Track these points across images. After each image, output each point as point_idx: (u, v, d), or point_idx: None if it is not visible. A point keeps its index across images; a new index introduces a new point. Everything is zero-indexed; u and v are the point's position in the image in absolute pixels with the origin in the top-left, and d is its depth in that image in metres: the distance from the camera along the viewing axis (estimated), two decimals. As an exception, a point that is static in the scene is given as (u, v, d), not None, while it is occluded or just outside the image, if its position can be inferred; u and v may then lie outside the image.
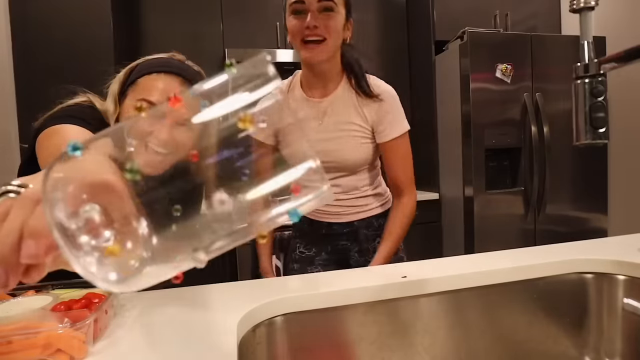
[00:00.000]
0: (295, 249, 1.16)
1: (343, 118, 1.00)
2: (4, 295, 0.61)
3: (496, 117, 2.31)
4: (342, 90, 1.01)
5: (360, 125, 1.00)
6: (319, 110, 1.01)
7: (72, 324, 0.50)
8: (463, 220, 2.37)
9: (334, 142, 1.00)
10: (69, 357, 0.50)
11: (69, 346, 0.49)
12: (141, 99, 0.75)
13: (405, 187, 1.03)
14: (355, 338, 0.71)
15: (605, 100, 0.56)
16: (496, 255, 0.86)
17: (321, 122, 1.01)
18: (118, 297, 0.67)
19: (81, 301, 0.57)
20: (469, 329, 0.76)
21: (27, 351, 0.48)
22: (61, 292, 0.63)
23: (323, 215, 1.10)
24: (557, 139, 2.34)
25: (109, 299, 0.58)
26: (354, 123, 1.00)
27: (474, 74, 2.26)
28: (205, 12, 2.56)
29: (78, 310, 0.54)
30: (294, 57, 2.58)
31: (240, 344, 0.57)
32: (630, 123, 2.41)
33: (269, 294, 0.68)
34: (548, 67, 2.37)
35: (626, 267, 0.79)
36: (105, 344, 0.55)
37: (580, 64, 0.57)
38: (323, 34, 0.90)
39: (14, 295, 0.62)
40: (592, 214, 2.51)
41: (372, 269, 0.83)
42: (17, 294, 0.62)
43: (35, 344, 0.48)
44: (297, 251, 1.15)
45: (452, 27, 2.48)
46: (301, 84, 1.05)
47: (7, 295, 0.61)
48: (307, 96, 1.03)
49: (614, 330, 0.80)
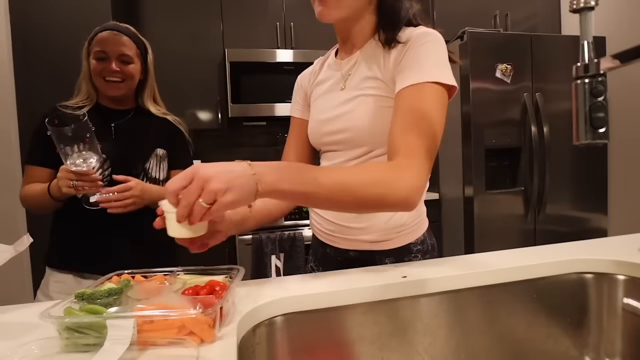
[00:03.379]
0: (310, 262, 1.03)
1: (365, 74, 0.84)
2: (140, 278, 0.67)
3: (496, 117, 2.31)
4: (370, 45, 0.86)
5: (381, 80, 0.81)
6: (343, 72, 0.89)
7: (203, 309, 0.53)
8: (463, 220, 2.37)
9: (349, 103, 0.85)
10: (200, 339, 0.53)
11: (200, 330, 0.53)
12: (98, 50, 1.17)
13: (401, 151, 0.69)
14: (355, 338, 0.71)
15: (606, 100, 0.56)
16: (496, 255, 0.86)
17: (344, 86, 0.87)
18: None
19: (206, 287, 0.61)
20: (469, 329, 0.76)
21: (166, 331, 0.52)
22: (187, 277, 0.67)
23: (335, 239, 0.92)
24: (557, 139, 2.34)
25: (231, 288, 0.61)
26: (375, 78, 0.82)
27: (474, 73, 2.26)
28: (205, 12, 2.56)
29: (207, 297, 0.57)
30: (294, 57, 2.58)
31: (240, 344, 0.57)
32: (630, 123, 2.41)
33: (269, 294, 0.68)
34: (548, 67, 2.37)
35: (626, 267, 0.79)
36: (227, 330, 0.57)
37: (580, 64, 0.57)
38: None
39: (146, 277, 0.68)
40: (592, 214, 2.51)
41: (372, 269, 0.82)
42: (149, 277, 0.68)
43: (172, 325, 0.52)
44: (309, 264, 1.02)
45: (452, 27, 2.48)
46: (337, 48, 0.95)
47: (142, 278, 0.67)
48: (337, 58, 0.93)
49: (614, 330, 0.80)
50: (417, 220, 0.90)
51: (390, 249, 0.88)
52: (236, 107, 2.53)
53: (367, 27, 0.85)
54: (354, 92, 0.84)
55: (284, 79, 2.58)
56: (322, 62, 0.98)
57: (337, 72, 0.90)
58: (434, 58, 0.75)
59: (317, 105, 0.94)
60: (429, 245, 0.93)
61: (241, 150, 2.94)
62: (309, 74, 1.01)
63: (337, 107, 0.87)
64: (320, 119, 0.90)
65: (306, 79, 1.01)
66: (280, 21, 2.65)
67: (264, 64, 2.55)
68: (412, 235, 0.89)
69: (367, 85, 0.83)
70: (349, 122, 0.84)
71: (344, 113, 0.85)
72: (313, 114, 0.95)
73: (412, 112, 0.72)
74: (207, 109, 2.62)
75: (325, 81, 0.93)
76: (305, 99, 1.00)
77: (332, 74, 0.92)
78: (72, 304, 0.56)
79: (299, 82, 1.03)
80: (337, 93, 0.88)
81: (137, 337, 0.50)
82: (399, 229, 0.87)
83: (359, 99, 0.83)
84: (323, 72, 0.95)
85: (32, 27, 1.97)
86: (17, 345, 0.50)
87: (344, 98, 0.86)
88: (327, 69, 0.95)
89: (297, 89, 1.03)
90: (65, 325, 0.52)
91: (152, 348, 0.51)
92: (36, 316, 0.52)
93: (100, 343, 0.48)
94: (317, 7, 0.80)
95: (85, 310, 0.54)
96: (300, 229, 2.34)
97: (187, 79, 2.53)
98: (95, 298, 0.57)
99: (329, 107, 0.89)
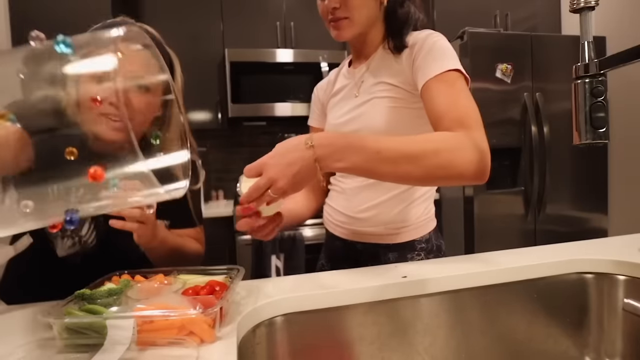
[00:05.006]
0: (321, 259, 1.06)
1: (376, 80, 0.89)
2: (140, 277, 0.67)
3: (496, 117, 2.31)
4: (379, 53, 0.91)
5: (392, 84, 0.86)
6: (356, 79, 0.94)
7: (203, 309, 0.53)
8: (463, 220, 2.37)
9: (363, 107, 0.90)
10: (200, 339, 0.53)
11: (200, 330, 0.53)
12: None
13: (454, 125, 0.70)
14: (355, 338, 0.71)
15: (606, 100, 0.56)
16: (496, 255, 0.86)
17: (357, 93, 0.92)
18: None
19: (206, 287, 0.61)
20: (469, 329, 0.76)
21: (166, 331, 0.52)
22: (187, 277, 0.67)
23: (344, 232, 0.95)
24: (557, 139, 2.34)
25: (230, 288, 0.61)
26: (386, 82, 0.87)
27: (474, 73, 2.26)
28: (205, 12, 2.56)
29: (206, 297, 0.57)
30: (294, 57, 2.58)
31: (240, 344, 0.57)
32: (631, 123, 2.41)
33: (269, 294, 0.68)
34: (548, 67, 2.37)
35: (626, 267, 0.78)
36: (227, 330, 0.57)
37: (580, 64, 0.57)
38: (343, 14, 0.84)
39: (146, 277, 0.67)
40: (592, 214, 2.51)
41: (372, 269, 0.83)
42: (149, 276, 0.68)
43: (172, 325, 0.52)
44: (320, 261, 1.06)
45: (452, 27, 2.48)
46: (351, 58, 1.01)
47: (142, 278, 0.67)
48: (352, 68, 0.98)
49: (614, 330, 0.80)
50: (424, 217, 0.93)
51: (394, 243, 0.91)
52: (236, 107, 2.53)
53: (377, 36, 0.91)
54: (367, 96, 0.89)
55: (284, 79, 2.58)
56: (337, 73, 1.03)
57: (351, 81, 0.95)
58: (449, 52, 0.81)
59: (333, 113, 0.99)
60: (434, 245, 0.94)
61: (241, 150, 2.94)
62: (325, 84, 1.05)
63: (351, 111, 0.92)
64: (336, 123, 0.96)
65: (322, 90, 1.06)
66: (281, 21, 2.65)
67: (264, 64, 2.55)
68: (417, 232, 0.92)
69: (378, 89, 0.87)
70: (363, 123, 0.88)
71: (359, 115, 0.90)
72: (329, 120, 1.00)
73: (449, 94, 0.74)
74: (207, 109, 2.62)
75: (340, 90, 0.98)
76: (322, 109, 1.05)
77: (346, 83, 0.97)
78: (72, 304, 0.56)
79: (316, 94, 1.08)
80: (352, 100, 0.93)
81: (137, 337, 0.50)
82: (404, 223, 0.91)
83: (372, 102, 0.88)
84: (339, 82, 1.00)
85: (32, 27, 1.97)
86: (17, 346, 0.50)
87: (357, 102, 0.91)
88: (342, 79, 0.99)
89: (314, 100, 1.08)
90: (65, 325, 0.52)
91: (152, 348, 0.51)
92: (36, 316, 0.52)
93: (100, 343, 0.48)
94: (333, 31, 0.87)
95: (85, 310, 0.54)
96: (300, 229, 2.34)
97: (187, 79, 2.52)
98: (95, 298, 0.57)
99: (344, 112, 0.94)
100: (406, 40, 0.86)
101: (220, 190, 2.85)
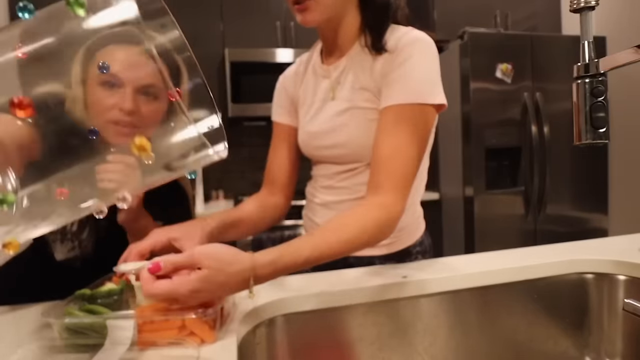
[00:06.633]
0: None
1: (355, 84, 0.81)
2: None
3: (496, 117, 2.31)
4: (356, 51, 0.81)
5: (373, 92, 0.78)
6: (332, 79, 0.84)
7: (203, 310, 0.53)
8: (463, 220, 2.37)
9: (343, 116, 0.81)
10: (200, 340, 0.53)
11: (200, 330, 0.53)
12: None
13: (383, 186, 0.70)
14: (355, 338, 0.71)
15: (606, 100, 0.56)
16: (496, 255, 0.86)
17: (333, 96, 0.83)
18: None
19: None
20: (469, 329, 0.76)
21: (166, 331, 0.53)
22: None
23: None
24: (557, 139, 2.34)
25: None
26: (366, 90, 0.79)
27: (474, 73, 2.26)
28: (205, 12, 2.56)
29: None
30: (294, 57, 2.58)
31: (240, 344, 0.57)
32: (631, 123, 2.41)
33: (269, 294, 0.68)
34: (548, 67, 2.37)
35: (626, 267, 0.78)
36: (227, 330, 0.57)
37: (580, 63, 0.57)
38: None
39: None
40: (592, 214, 2.51)
41: (372, 269, 0.82)
42: None
43: (173, 326, 0.53)
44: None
45: (452, 27, 2.49)
46: (321, 49, 0.90)
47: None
48: (324, 63, 0.88)
49: (615, 330, 0.80)
50: (414, 220, 0.90)
51: (390, 252, 0.86)
52: (236, 107, 2.53)
53: (352, 27, 0.81)
54: (345, 103, 0.81)
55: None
56: (306, 64, 0.93)
57: (325, 80, 0.86)
58: (422, 73, 0.73)
59: (306, 116, 0.89)
60: (427, 245, 0.92)
61: (241, 150, 2.94)
62: (292, 75, 0.95)
63: (329, 119, 0.83)
64: (313, 131, 0.87)
65: (290, 82, 0.95)
66: (281, 21, 2.65)
67: (264, 64, 2.55)
68: (411, 238, 0.88)
69: (358, 97, 0.80)
70: (344, 137, 0.81)
71: (338, 126, 0.82)
72: (303, 124, 0.90)
73: (397, 138, 0.71)
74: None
75: (312, 88, 0.89)
76: (292, 104, 0.94)
77: (319, 81, 0.87)
78: (72, 304, 0.56)
79: (282, 85, 0.96)
80: (328, 103, 0.85)
81: (137, 338, 0.50)
82: (398, 232, 0.86)
83: (352, 112, 0.80)
84: (309, 76, 0.90)
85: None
86: (17, 346, 0.50)
87: (335, 110, 0.83)
88: (313, 74, 0.90)
89: (280, 92, 0.96)
90: (65, 325, 0.52)
91: (152, 348, 0.51)
92: (36, 316, 0.52)
93: (101, 343, 0.48)
94: (298, 15, 0.77)
95: (85, 310, 0.54)
96: (300, 229, 2.34)
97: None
98: (96, 298, 0.57)
99: (321, 119, 0.85)
100: (385, 38, 0.77)
101: (220, 190, 2.85)
